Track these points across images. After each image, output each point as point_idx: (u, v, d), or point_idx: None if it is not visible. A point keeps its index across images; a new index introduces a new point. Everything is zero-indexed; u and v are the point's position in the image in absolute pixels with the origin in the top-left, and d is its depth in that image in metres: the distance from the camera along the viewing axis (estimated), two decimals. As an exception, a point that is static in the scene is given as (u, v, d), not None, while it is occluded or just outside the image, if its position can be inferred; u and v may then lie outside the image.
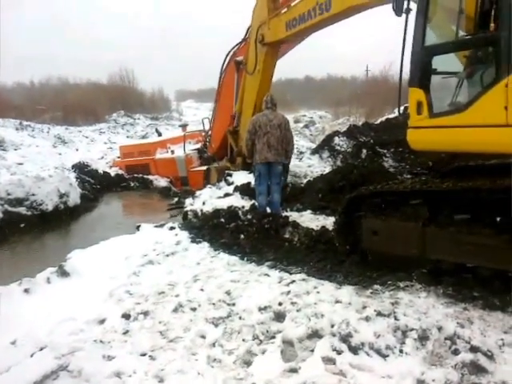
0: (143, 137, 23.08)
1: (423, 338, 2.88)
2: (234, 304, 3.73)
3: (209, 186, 7.78)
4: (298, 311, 3.46)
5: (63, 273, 4.50)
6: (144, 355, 3.06)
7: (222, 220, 6.01)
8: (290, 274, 4.27)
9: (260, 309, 3.56)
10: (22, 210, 7.97)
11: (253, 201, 6.42)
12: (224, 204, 6.37)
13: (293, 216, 6.23)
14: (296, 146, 9.72)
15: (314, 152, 10.44)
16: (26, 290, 4.10)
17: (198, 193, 7.51)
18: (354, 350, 2.86)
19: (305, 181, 8.37)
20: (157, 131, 16.25)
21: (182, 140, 11.31)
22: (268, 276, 4.30)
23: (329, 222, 5.67)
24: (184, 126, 13.25)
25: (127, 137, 24.38)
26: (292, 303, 3.61)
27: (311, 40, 8.15)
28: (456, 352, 2.73)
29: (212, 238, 5.59)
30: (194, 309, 3.71)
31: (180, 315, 3.62)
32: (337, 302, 3.54)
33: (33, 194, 8.25)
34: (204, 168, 10.04)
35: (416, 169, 8.10)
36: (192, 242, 5.55)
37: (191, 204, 7.09)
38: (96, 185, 11.35)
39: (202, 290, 4.07)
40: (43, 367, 2.86)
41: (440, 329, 2.94)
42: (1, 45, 71.76)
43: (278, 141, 5.98)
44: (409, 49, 3.73)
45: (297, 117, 25.68)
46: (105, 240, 5.71)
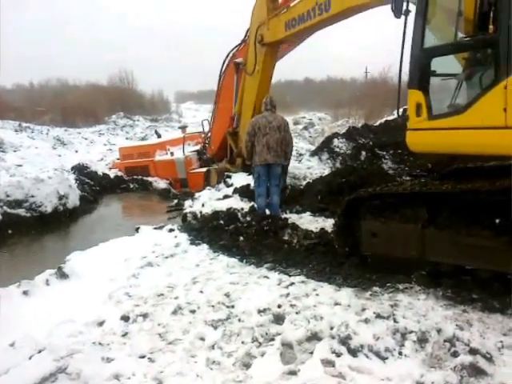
0: (143, 138, 23.07)
1: (422, 341, 2.88)
2: (234, 306, 3.72)
3: (208, 188, 7.79)
4: (298, 313, 3.46)
5: (62, 275, 4.49)
6: (143, 357, 3.05)
7: (222, 222, 6.01)
8: (289, 276, 4.27)
9: (259, 311, 3.56)
10: (21, 212, 7.97)
11: (252, 203, 6.42)
12: (223, 206, 6.38)
13: (292, 218, 6.23)
14: (295, 148, 9.72)
15: (314, 154, 10.44)
16: (25, 292, 4.09)
17: (198, 195, 7.51)
18: (354, 353, 2.86)
19: (304, 183, 8.36)
20: (156, 133, 16.25)
21: (182, 142, 11.33)
22: (267, 278, 4.30)
23: (328, 224, 5.68)
24: (183, 128, 13.28)
25: (126, 138, 24.37)
26: (291, 305, 3.61)
27: (310, 41, 8.19)
28: (455, 354, 2.73)
29: (211, 240, 5.59)
30: (194, 311, 3.71)
31: (179, 317, 3.62)
32: (336, 305, 3.55)
33: (32, 196, 8.25)
34: (203, 170, 10.04)
35: (415, 171, 8.11)
36: (191, 244, 5.55)
37: (190, 206, 7.09)
38: (95, 186, 11.35)
39: (202, 292, 4.06)
40: (42, 369, 2.84)
41: (439, 331, 2.94)
42: (0, 45, 71.79)
43: (278, 142, 5.98)
44: (408, 50, 3.74)
45: (296, 118, 25.61)
46: (104, 242, 5.70)
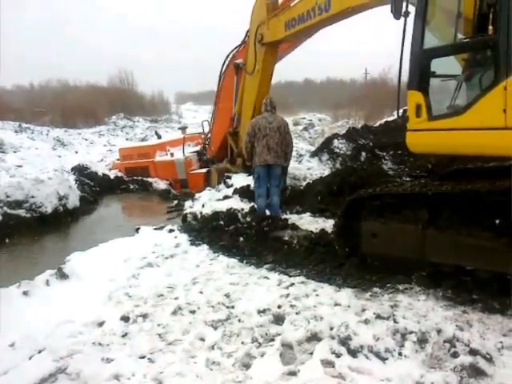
0: (143, 139, 23.04)
1: (422, 341, 2.88)
2: (233, 307, 3.72)
3: (208, 189, 7.78)
4: (297, 314, 3.46)
5: (62, 275, 4.49)
6: (143, 358, 3.05)
7: (222, 222, 6.02)
8: (289, 277, 4.27)
9: (259, 311, 3.56)
10: (22, 213, 7.96)
11: (252, 203, 6.42)
12: (223, 206, 6.38)
13: (292, 218, 6.24)
14: (295, 149, 9.71)
15: (314, 155, 10.44)
16: (25, 293, 4.09)
17: (198, 195, 7.51)
18: (353, 353, 2.86)
19: (304, 183, 8.36)
20: (156, 134, 16.23)
21: (182, 142, 11.33)
22: (267, 279, 4.31)
23: (328, 225, 5.68)
24: (183, 129, 13.29)
25: (127, 139, 24.35)
26: (291, 306, 3.61)
27: (310, 42, 8.22)
28: (455, 355, 2.74)
29: (211, 241, 5.60)
30: (193, 311, 3.71)
31: (179, 318, 3.62)
32: (336, 305, 3.55)
33: (32, 197, 8.25)
34: (203, 170, 10.05)
35: (415, 171, 8.11)
36: (191, 245, 5.55)
37: (190, 206, 7.09)
38: (95, 187, 11.34)
39: (202, 293, 4.06)
40: (42, 370, 2.86)
41: (439, 332, 2.94)
42: (0, 45, 71.77)
43: (278, 143, 5.98)
44: (408, 52, 3.74)
45: (296, 119, 25.63)
46: (104, 242, 5.70)
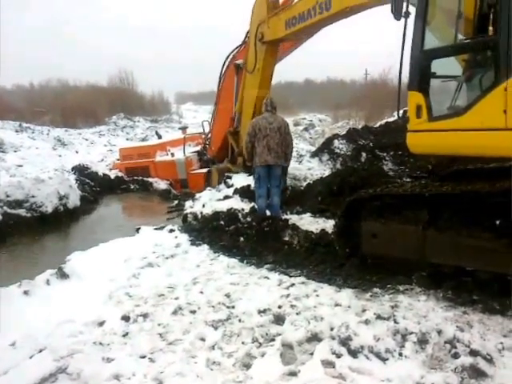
0: (143, 139, 23.05)
1: (423, 342, 2.89)
2: (234, 307, 3.72)
3: (208, 189, 7.77)
4: (298, 314, 3.46)
5: (63, 275, 4.49)
6: (143, 357, 3.05)
7: (222, 222, 6.02)
8: (290, 277, 4.28)
9: (259, 312, 3.57)
10: (22, 212, 7.96)
11: (252, 203, 6.42)
12: (224, 206, 6.37)
13: (292, 219, 6.23)
14: (296, 149, 9.73)
15: (314, 155, 10.44)
16: (26, 292, 4.09)
17: (198, 195, 7.50)
18: (354, 354, 2.86)
19: (304, 184, 8.35)
20: (156, 134, 16.21)
21: (182, 142, 11.33)
22: (267, 279, 4.31)
23: (328, 225, 5.68)
24: (184, 129, 13.29)
25: (127, 139, 24.37)
26: (291, 306, 3.62)
27: (310, 43, 8.23)
28: (456, 356, 2.74)
29: (212, 241, 5.60)
30: (194, 311, 3.71)
31: (179, 318, 3.62)
32: (336, 305, 3.56)
33: (32, 196, 8.24)
34: (204, 170, 10.05)
35: (415, 172, 8.11)
36: (192, 245, 5.56)
37: (191, 206, 7.08)
38: (96, 187, 11.33)
39: (202, 293, 4.07)
40: (42, 369, 2.86)
41: (440, 332, 2.94)
42: (0, 46, 71.68)
43: (278, 144, 5.98)
44: (408, 52, 3.75)
45: (296, 120, 25.64)
46: (104, 242, 5.70)
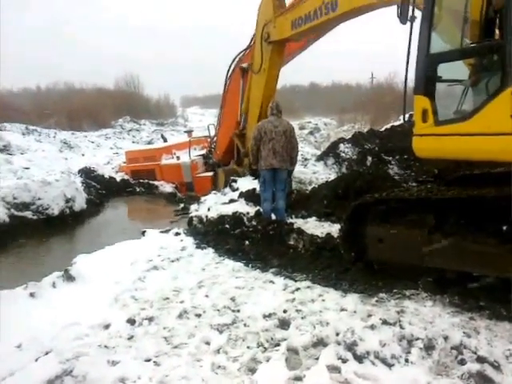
0: (149, 142, 23.20)
1: (429, 348, 2.87)
2: (239, 311, 3.72)
3: (214, 192, 7.79)
4: (303, 319, 3.45)
5: (69, 277, 4.51)
6: (148, 361, 3.06)
7: (227, 226, 6.01)
8: (295, 282, 4.26)
9: (265, 316, 3.56)
10: (28, 214, 8.01)
11: (258, 207, 6.42)
12: (229, 210, 6.37)
13: (298, 223, 6.22)
14: (301, 153, 9.74)
15: (319, 159, 10.44)
16: (32, 294, 4.11)
17: (203, 198, 7.52)
18: (359, 359, 2.85)
19: (310, 187, 8.35)
20: (162, 137, 16.30)
21: (188, 146, 11.37)
22: (273, 283, 4.30)
23: (334, 229, 5.66)
24: (189, 132, 13.31)
25: (133, 142, 24.56)
26: (297, 311, 3.61)
27: (316, 44, 8.26)
28: (462, 362, 2.72)
29: (217, 244, 5.60)
30: (199, 315, 3.71)
31: (185, 321, 3.62)
32: (342, 310, 3.54)
33: (39, 199, 8.30)
34: (209, 174, 10.08)
35: (421, 176, 8.08)
36: (197, 248, 5.56)
37: (196, 210, 7.10)
38: (102, 190, 11.38)
39: (207, 297, 4.07)
40: (48, 372, 2.87)
41: (446, 338, 2.92)
42: (1, 46, 71.95)
43: (283, 147, 5.98)
44: (414, 56, 3.74)
45: (302, 123, 25.69)
46: (110, 245, 5.72)
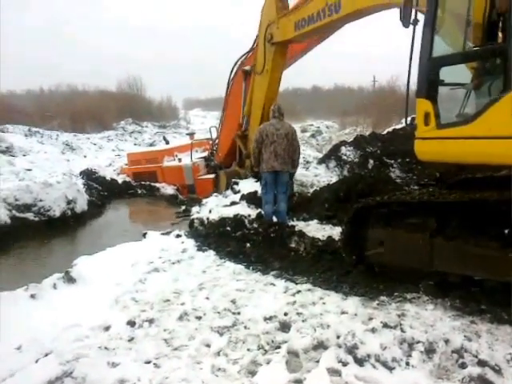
0: (151, 144, 23.24)
1: (430, 351, 2.86)
2: (240, 313, 3.71)
3: (215, 195, 7.79)
4: (304, 322, 3.45)
5: (69, 279, 4.51)
6: (148, 363, 3.05)
7: (228, 228, 6.01)
8: (296, 284, 4.26)
9: (265, 318, 3.55)
10: (30, 216, 8.03)
11: (259, 209, 6.42)
12: (230, 212, 6.38)
13: (299, 225, 6.22)
14: (303, 156, 9.73)
15: (321, 162, 10.45)
16: (32, 296, 4.12)
17: (205, 201, 7.52)
18: (360, 362, 2.84)
19: (311, 190, 8.35)
20: (164, 139, 16.32)
21: (190, 148, 11.38)
22: (273, 285, 4.30)
23: (335, 232, 5.66)
24: (191, 135, 13.35)
25: (135, 144, 24.58)
26: (297, 313, 3.60)
27: (317, 47, 8.27)
28: (463, 366, 2.71)
29: (218, 247, 5.60)
30: (199, 317, 3.71)
31: (185, 323, 3.62)
32: (343, 313, 3.53)
33: (40, 200, 8.31)
34: (211, 176, 10.09)
35: (423, 180, 8.06)
36: (198, 250, 5.56)
37: (198, 212, 7.10)
38: (103, 191, 11.40)
39: (208, 299, 4.06)
40: (48, 373, 2.87)
41: (447, 342, 2.91)
42: (2, 47, 71.86)
43: (285, 150, 5.99)
44: (416, 59, 3.74)
45: (304, 126, 25.68)
46: (111, 247, 5.73)
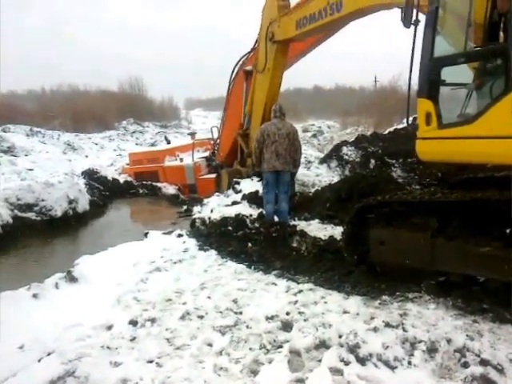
0: (152, 144, 23.28)
1: (432, 350, 2.86)
2: (241, 312, 3.72)
3: (216, 194, 7.80)
4: (306, 321, 3.45)
5: (71, 278, 4.52)
6: (151, 362, 3.06)
7: (230, 228, 6.01)
8: (298, 284, 4.26)
9: (267, 318, 3.56)
10: (32, 216, 8.05)
11: (260, 209, 6.43)
12: (232, 212, 6.38)
13: (300, 225, 6.22)
14: (304, 155, 9.72)
15: (322, 161, 10.45)
16: (35, 295, 4.13)
17: (206, 200, 7.53)
18: (362, 361, 2.84)
19: (313, 190, 8.36)
20: (166, 139, 16.33)
21: (191, 148, 11.41)
22: (275, 285, 4.30)
23: (337, 232, 5.65)
24: (193, 134, 13.39)
25: (136, 144, 24.63)
26: (299, 313, 3.60)
27: (319, 48, 8.27)
28: (465, 365, 2.71)
29: (219, 246, 5.60)
30: (201, 316, 3.71)
31: (187, 323, 3.62)
32: (345, 313, 3.53)
33: (42, 200, 8.34)
34: (212, 176, 10.11)
35: (425, 179, 8.06)
36: (200, 250, 5.56)
37: (199, 212, 7.11)
38: (105, 191, 11.43)
39: (209, 298, 4.07)
40: (50, 372, 2.88)
41: (449, 341, 2.91)
42: (2, 47, 71.96)
43: (286, 150, 5.99)
44: (418, 59, 3.74)
45: (305, 126, 25.69)
46: (113, 246, 5.74)
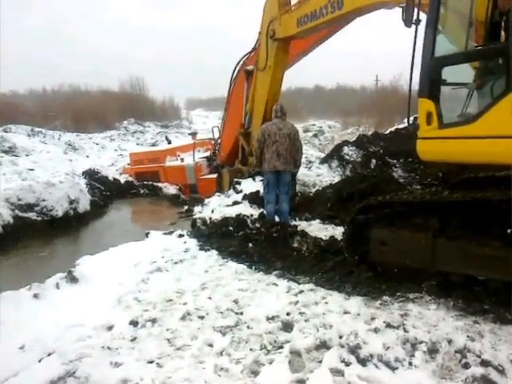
0: (153, 144, 23.31)
1: (433, 351, 2.85)
2: (242, 313, 3.71)
3: (217, 194, 7.80)
4: (306, 321, 3.44)
5: (72, 278, 4.52)
6: (151, 362, 3.05)
7: (231, 228, 6.02)
8: (299, 284, 4.25)
9: (268, 318, 3.55)
10: (32, 216, 8.07)
11: (261, 209, 6.42)
12: (233, 212, 6.38)
13: (301, 225, 6.21)
14: (305, 156, 9.70)
15: (323, 161, 10.43)
16: (35, 295, 4.13)
17: (207, 200, 7.54)
18: (363, 362, 2.84)
19: (314, 190, 8.34)
20: (166, 139, 16.35)
21: (192, 148, 11.42)
22: (276, 285, 4.29)
23: (338, 232, 5.65)
24: (194, 134, 13.39)
25: (137, 144, 24.68)
26: (300, 313, 3.60)
27: (319, 48, 8.27)
28: (466, 366, 2.70)
29: (220, 246, 5.60)
30: (202, 317, 3.71)
31: (188, 323, 3.62)
32: (345, 313, 3.53)
33: (43, 200, 8.36)
34: (213, 176, 10.11)
35: (426, 179, 8.05)
36: (200, 250, 5.56)
37: (200, 212, 7.11)
38: (106, 191, 11.45)
39: (210, 299, 4.07)
40: (51, 373, 2.88)
41: (450, 342, 2.90)
42: (2, 47, 72.07)
43: (287, 150, 5.98)
44: (419, 59, 3.74)
45: (306, 126, 25.67)
46: (114, 246, 5.74)
